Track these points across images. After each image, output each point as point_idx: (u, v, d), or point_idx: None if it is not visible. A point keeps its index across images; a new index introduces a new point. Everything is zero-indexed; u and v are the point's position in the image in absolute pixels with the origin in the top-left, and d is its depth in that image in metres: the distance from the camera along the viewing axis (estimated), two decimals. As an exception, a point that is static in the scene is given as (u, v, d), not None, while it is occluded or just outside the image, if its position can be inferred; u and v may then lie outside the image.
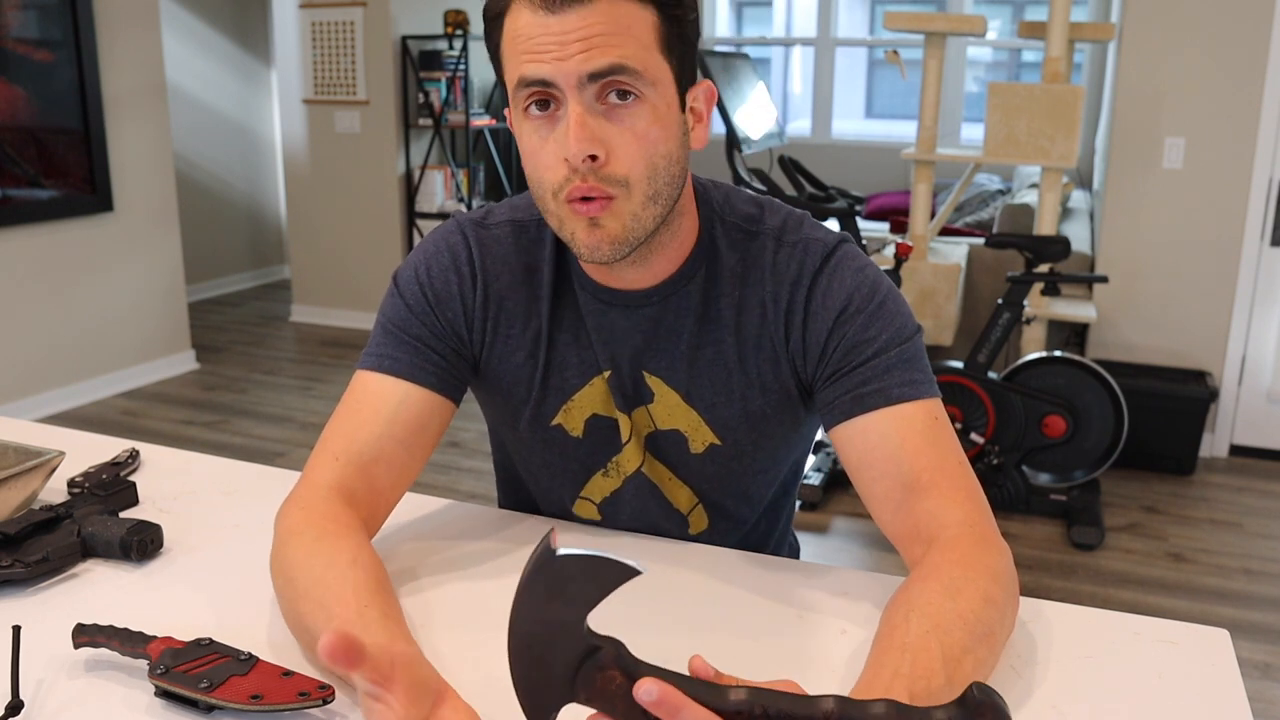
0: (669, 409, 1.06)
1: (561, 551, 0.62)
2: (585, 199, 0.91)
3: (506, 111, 1.00)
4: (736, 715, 0.64)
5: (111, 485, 1.16)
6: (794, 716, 0.64)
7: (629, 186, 0.91)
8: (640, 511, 1.12)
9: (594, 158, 0.89)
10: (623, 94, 0.89)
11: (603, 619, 0.95)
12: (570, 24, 0.87)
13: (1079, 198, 4.95)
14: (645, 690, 0.63)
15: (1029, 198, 4.14)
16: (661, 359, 1.04)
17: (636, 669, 0.65)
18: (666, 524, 1.13)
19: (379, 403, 1.01)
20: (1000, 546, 0.92)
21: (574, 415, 1.07)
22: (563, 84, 0.88)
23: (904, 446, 0.95)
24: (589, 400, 1.06)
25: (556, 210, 0.93)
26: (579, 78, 0.88)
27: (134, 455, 1.30)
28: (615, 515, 1.14)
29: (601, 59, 0.87)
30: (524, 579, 0.64)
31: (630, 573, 0.61)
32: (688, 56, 0.95)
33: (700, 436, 1.06)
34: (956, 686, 0.77)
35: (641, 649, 0.90)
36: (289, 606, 0.88)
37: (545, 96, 0.90)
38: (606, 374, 1.05)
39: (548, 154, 0.91)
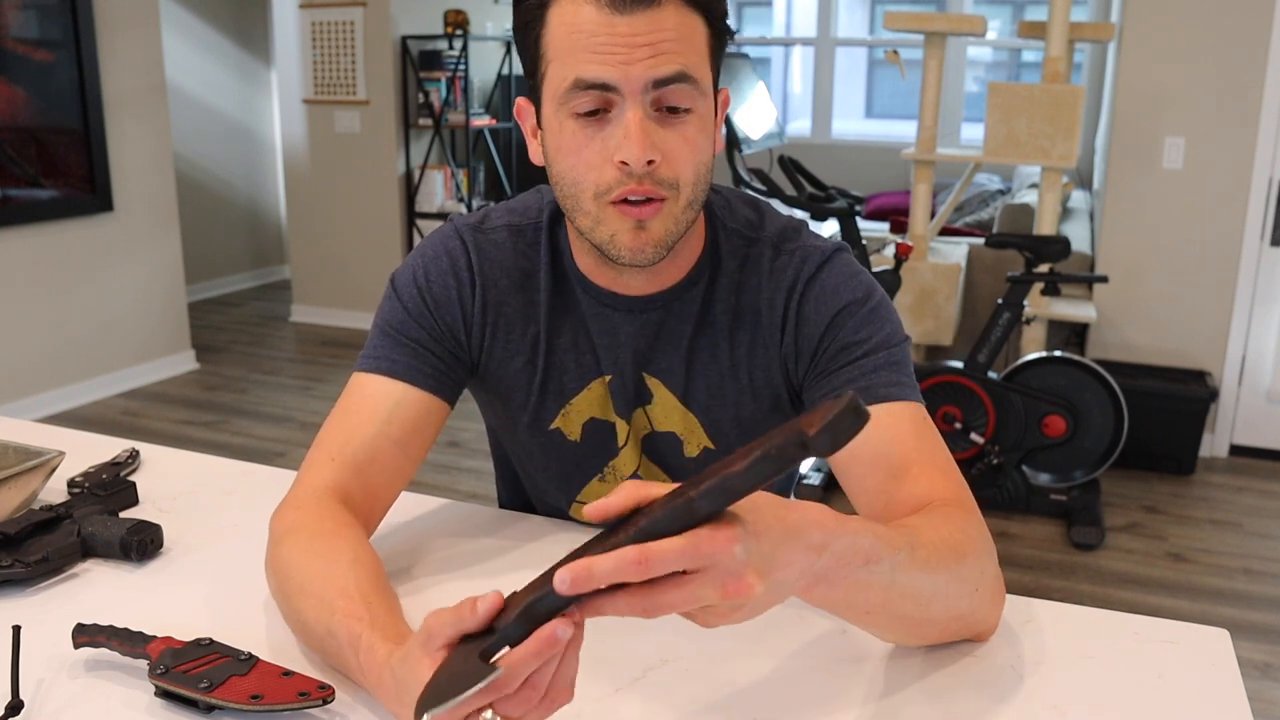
0: (666, 411, 1.06)
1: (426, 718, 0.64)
2: (636, 201, 0.90)
3: (521, 101, 0.98)
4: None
5: (111, 485, 1.16)
6: (670, 530, 0.62)
7: (678, 189, 0.91)
8: None
9: (650, 161, 0.88)
10: (673, 108, 0.89)
11: (601, 620, 0.94)
12: (639, 27, 0.86)
13: (1079, 198, 4.94)
14: (560, 580, 0.60)
15: (1029, 198, 4.13)
16: (661, 361, 1.04)
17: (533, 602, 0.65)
18: None
19: (375, 403, 1.00)
20: (982, 521, 0.92)
21: (572, 419, 1.07)
22: (625, 89, 0.87)
23: (892, 441, 0.95)
24: (587, 404, 1.06)
25: (595, 211, 0.92)
26: (644, 84, 0.87)
27: (134, 455, 1.30)
28: None
29: (668, 66, 0.87)
30: None
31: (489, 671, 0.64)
32: (719, 67, 0.96)
33: (695, 440, 1.07)
34: (917, 551, 0.77)
35: (638, 649, 0.90)
36: (288, 604, 0.88)
37: (602, 101, 0.88)
38: (608, 378, 1.05)
39: (593, 154, 0.90)
